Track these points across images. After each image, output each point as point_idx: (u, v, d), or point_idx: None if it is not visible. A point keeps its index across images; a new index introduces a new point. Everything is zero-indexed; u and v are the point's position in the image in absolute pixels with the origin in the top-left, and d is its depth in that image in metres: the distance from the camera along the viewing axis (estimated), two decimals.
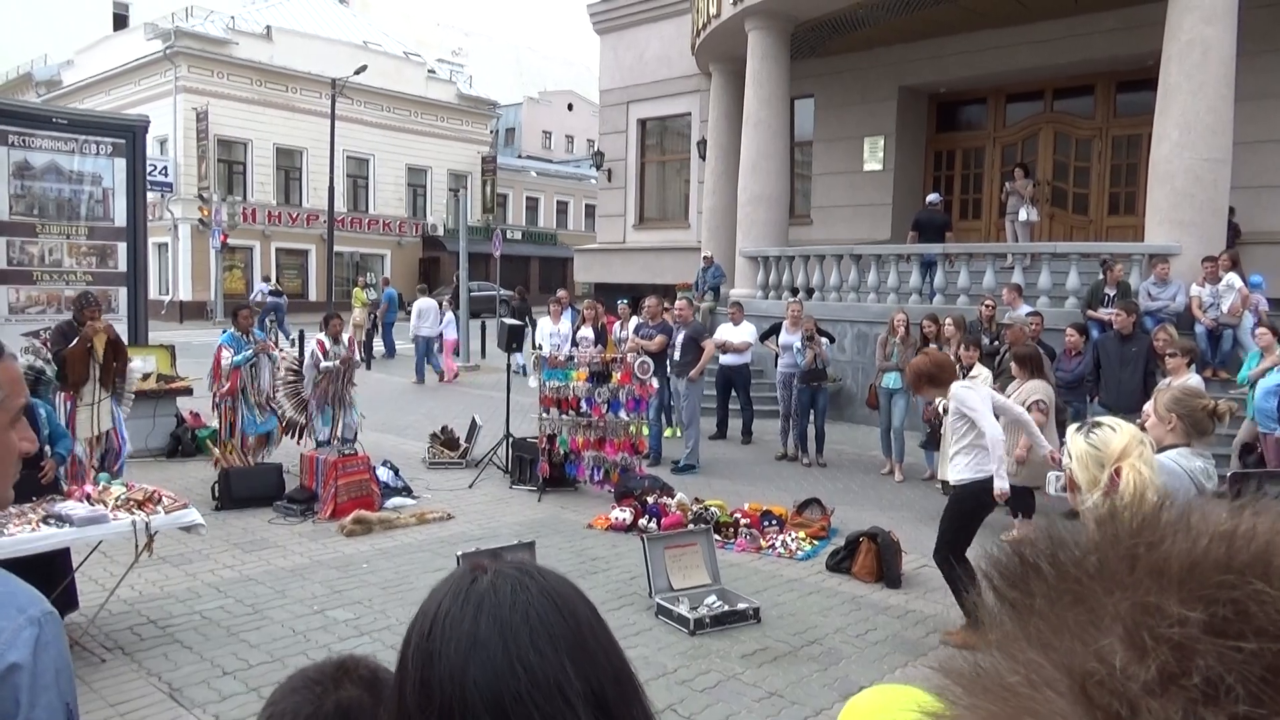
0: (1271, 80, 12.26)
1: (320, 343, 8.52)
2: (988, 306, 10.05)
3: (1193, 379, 6.82)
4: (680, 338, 9.95)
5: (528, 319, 17.08)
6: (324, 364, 8.37)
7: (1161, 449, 3.10)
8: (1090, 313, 10.24)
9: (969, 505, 5.29)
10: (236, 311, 8.79)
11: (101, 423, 7.18)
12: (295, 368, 8.65)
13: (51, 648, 1.10)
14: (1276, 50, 12.22)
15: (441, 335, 16.66)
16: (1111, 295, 10.16)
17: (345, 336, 8.90)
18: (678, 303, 10.40)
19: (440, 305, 17.07)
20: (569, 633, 0.83)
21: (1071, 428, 2.19)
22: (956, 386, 5.33)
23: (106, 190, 10.59)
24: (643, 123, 21.01)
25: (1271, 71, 12.24)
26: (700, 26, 16.01)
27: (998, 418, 5.30)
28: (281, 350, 8.80)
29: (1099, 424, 2.13)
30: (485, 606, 0.82)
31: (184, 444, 9.77)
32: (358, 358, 8.88)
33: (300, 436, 8.73)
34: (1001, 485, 5.08)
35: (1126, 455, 2.02)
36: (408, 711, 0.81)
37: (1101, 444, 2.07)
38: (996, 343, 9.43)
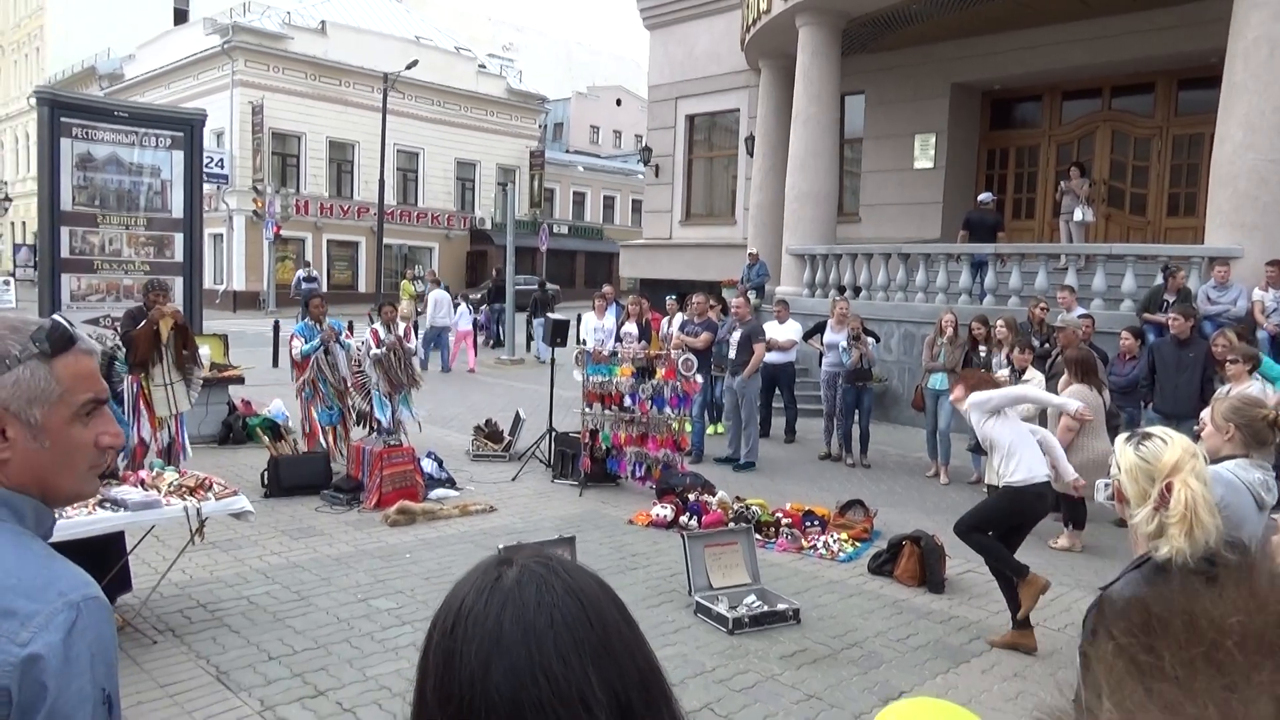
0: None
1: (374, 331, 8.61)
2: (1041, 309, 9.86)
3: (1254, 387, 6.62)
4: (737, 336, 9.80)
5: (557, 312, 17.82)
6: (373, 351, 8.45)
7: (1219, 459, 3.01)
8: (1147, 315, 10.00)
9: (1012, 505, 5.25)
10: (308, 301, 8.95)
11: (179, 404, 7.41)
12: (359, 358, 8.77)
13: (89, 632, 1.09)
14: None
15: (456, 326, 17.47)
16: (1171, 302, 9.91)
17: (402, 327, 8.94)
18: (735, 300, 10.27)
19: (455, 298, 17.89)
20: (594, 638, 0.81)
21: (1120, 438, 2.12)
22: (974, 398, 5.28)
23: (165, 182, 10.85)
24: (691, 118, 20.95)
25: None
26: (750, 22, 15.90)
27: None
28: (358, 340, 8.88)
29: (1149, 435, 2.06)
30: (509, 606, 0.81)
31: (235, 431, 9.98)
32: (411, 345, 8.92)
33: (370, 427, 8.77)
34: (1069, 474, 5.39)
35: (1178, 470, 1.95)
36: (428, 706, 0.81)
37: (1152, 457, 2.00)
38: (1047, 345, 9.25)
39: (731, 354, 9.70)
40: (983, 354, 9.38)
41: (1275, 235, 10.28)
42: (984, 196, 14.18)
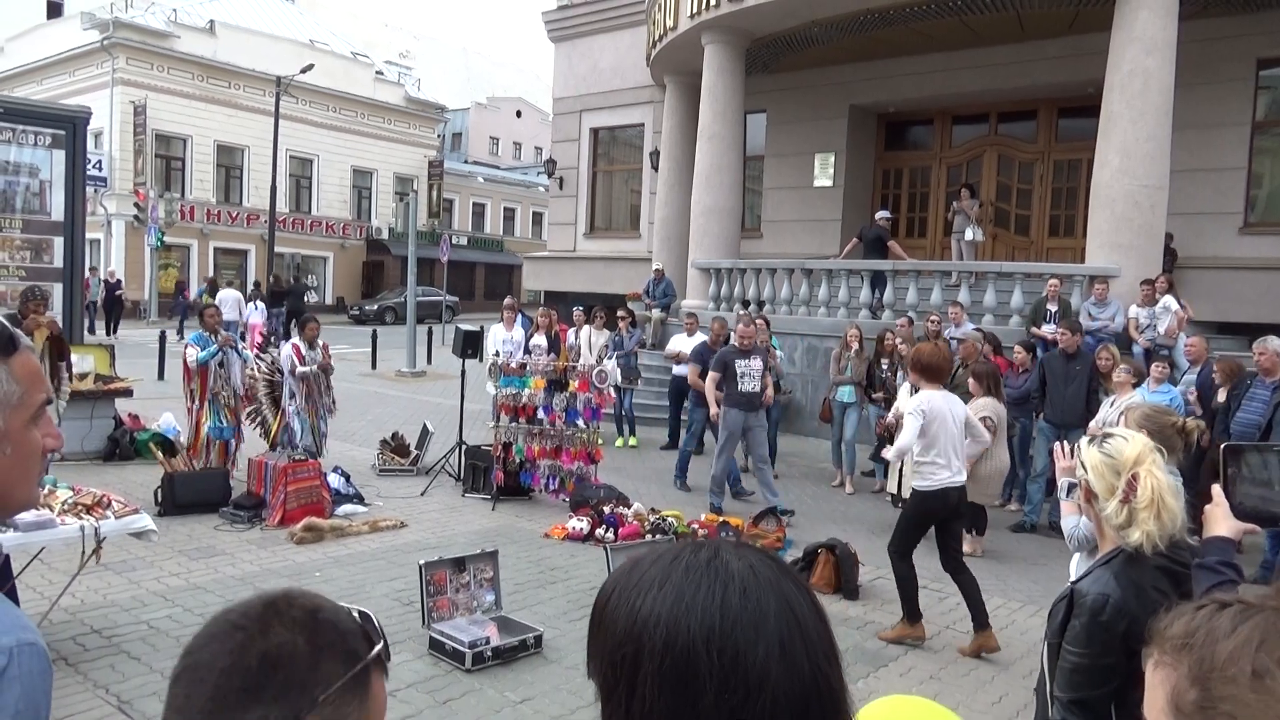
0: (1206, 111, 12.75)
1: (296, 347, 8.30)
2: (933, 322, 10.27)
3: (1136, 397, 7.04)
4: (755, 364, 8.26)
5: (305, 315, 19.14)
6: (300, 369, 8.15)
7: None
8: (1034, 330, 10.51)
9: (920, 508, 5.52)
10: (202, 311, 8.57)
11: None
12: (273, 376, 8.39)
13: (17, 684, 0.95)
14: (1211, 83, 12.72)
15: (247, 323, 19.12)
16: (1054, 311, 10.46)
17: (320, 343, 8.67)
18: (741, 327, 8.76)
19: (245, 296, 20.12)
20: (830, 635, 0.83)
21: (1083, 440, 2.28)
22: (922, 394, 5.43)
23: (44, 182, 10.25)
24: (595, 132, 21.01)
25: (1206, 103, 12.74)
26: (656, 38, 16.08)
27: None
28: (254, 356, 8.56)
29: (1110, 435, 2.22)
30: (772, 600, 0.80)
31: (122, 447, 9.45)
32: (330, 363, 8.69)
33: (274, 440, 8.44)
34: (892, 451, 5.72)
35: (1141, 462, 2.12)
36: (699, 697, 0.77)
37: (1115, 453, 2.17)
38: None
39: (754, 386, 8.23)
40: (885, 367, 9.70)
41: (1149, 255, 10.98)
42: (881, 214, 14.65)
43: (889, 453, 5.70)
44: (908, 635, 5.44)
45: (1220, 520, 1.93)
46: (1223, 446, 1.89)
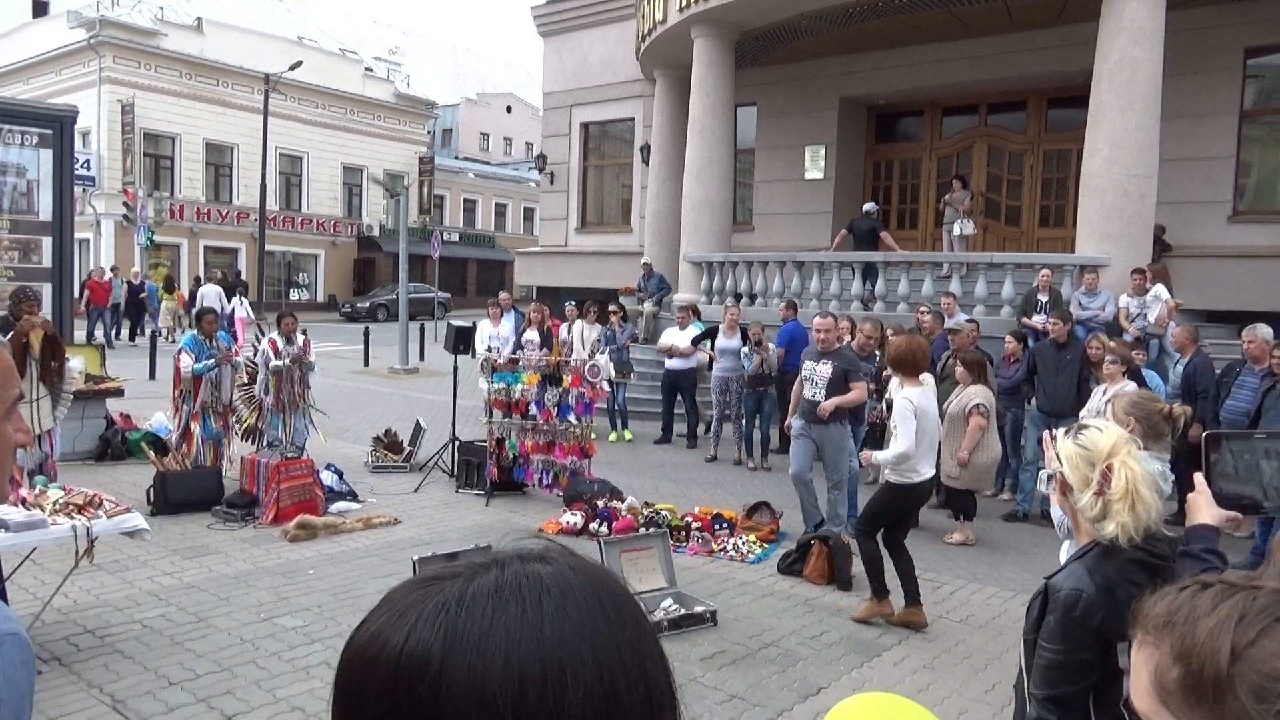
0: (1195, 100, 12.79)
1: (273, 341, 8.26)
2: (923, 313, 10.29)
3: (1128, 386, 7.07)
4: (826, 370, 7.09)
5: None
6: (273, 363, 8.12)
7: None
8: (1025, 320, 10.54)
9: (893, 499, 5.60)
10: (201, 316, 8.48)
11: (43, 422, 6.86)
12: (250, 370, 8.37)
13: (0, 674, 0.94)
14: (1199, 72, 12.76)
15: (232, 315, 18.91)
16: (1045, 301, 10.48)
17: (301, 339, 8.61)
18: (816, 319, 7.58)
19: (226, 291, 20.27)
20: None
21: (1059, 432, 2.24)
22: (905, 392, 5.47)
23: (31, 182, 10.19)
24: (586, 126, 20.98)
25: (1194, 92, 12.78)
26: (646, 32, 16.05)
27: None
28: (245, 357, 8.50)
29: (1085, 426, 2.19)
30: (627, 591, 0.69)
31: (114, 447, 9.42)
32: (311, 358, 8.62)
33: (258, 443, 8.42)
34: (881, 457, 5.60)
35: (1115, 453, 2.08)
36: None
37: (1090, 444, 2.13)
38: None
39: (814, 394, 7.10)
40: (878, 358, 9.70)
41: (1139, 244, 11.02)
42: (868, 206, 14.65)
43: (880, 456, 5.61)
44: (876, 613, 5.55)
45: (1204, 508, 1.92)
46: (1205, 434, 1.88)
